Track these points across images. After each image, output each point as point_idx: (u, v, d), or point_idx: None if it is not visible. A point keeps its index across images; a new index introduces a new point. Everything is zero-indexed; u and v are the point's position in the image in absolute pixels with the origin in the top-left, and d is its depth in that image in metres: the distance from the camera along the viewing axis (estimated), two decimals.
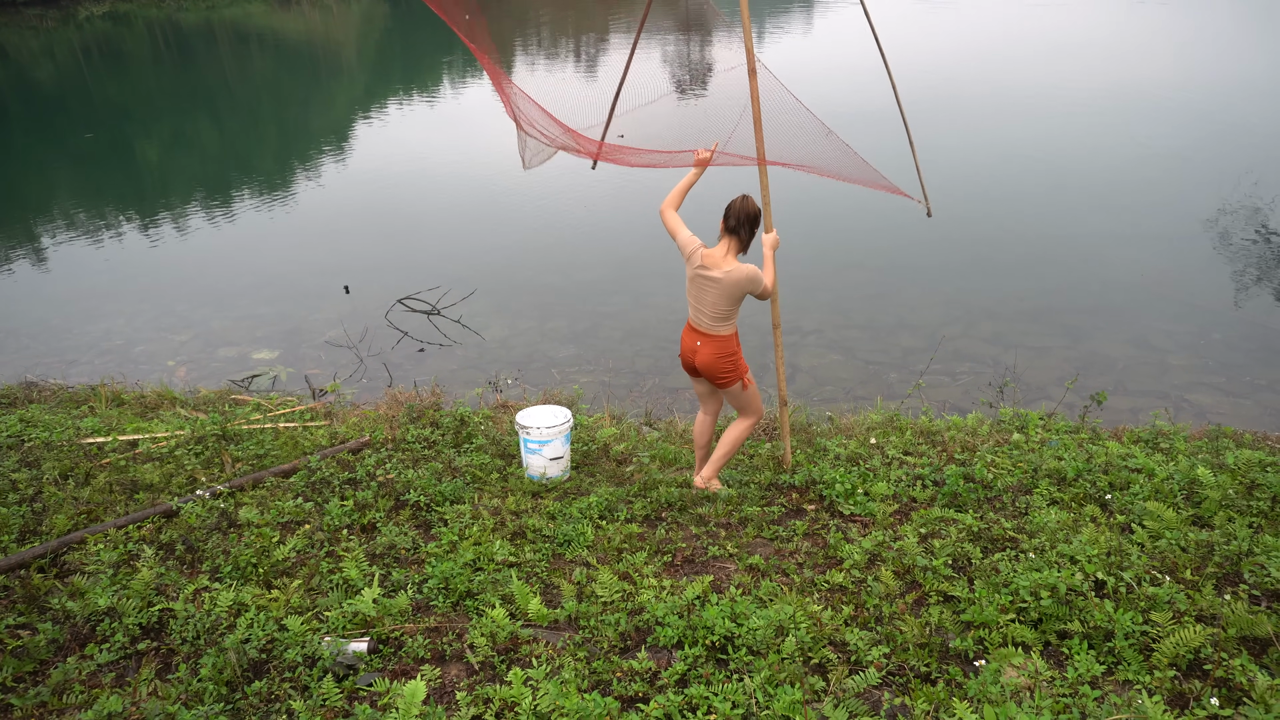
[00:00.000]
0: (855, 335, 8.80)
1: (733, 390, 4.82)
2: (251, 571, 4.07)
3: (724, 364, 4.68)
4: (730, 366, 4.70)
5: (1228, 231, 10.82)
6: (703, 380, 4.89)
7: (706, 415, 5.10)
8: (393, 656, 3.50)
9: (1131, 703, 2.95)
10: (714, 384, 4.82)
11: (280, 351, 9.22)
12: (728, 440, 4.97)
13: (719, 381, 4.76)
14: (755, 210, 4.54)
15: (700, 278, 4.58)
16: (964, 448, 5.41)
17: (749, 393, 4.85)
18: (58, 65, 32.73)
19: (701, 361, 4.70)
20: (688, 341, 4.77)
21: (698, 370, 4.78)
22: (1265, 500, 4.31)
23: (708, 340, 4.66)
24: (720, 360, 4.67)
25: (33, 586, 3.95)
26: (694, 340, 4.72)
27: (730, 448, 4.98)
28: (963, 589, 3.71)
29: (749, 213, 4.53)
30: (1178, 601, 3.49)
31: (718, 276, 4.52)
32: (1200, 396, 7.45)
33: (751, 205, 4.54)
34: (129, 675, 3.43)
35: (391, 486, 4.97)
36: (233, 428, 5.86)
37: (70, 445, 5.65)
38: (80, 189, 17.03)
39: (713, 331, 4.65)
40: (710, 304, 4.59)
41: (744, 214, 4.53)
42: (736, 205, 4.55)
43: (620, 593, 3.86)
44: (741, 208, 4.54)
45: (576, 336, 9.19)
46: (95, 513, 4.73)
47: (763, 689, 3.09)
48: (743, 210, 4.53)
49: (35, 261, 12.59)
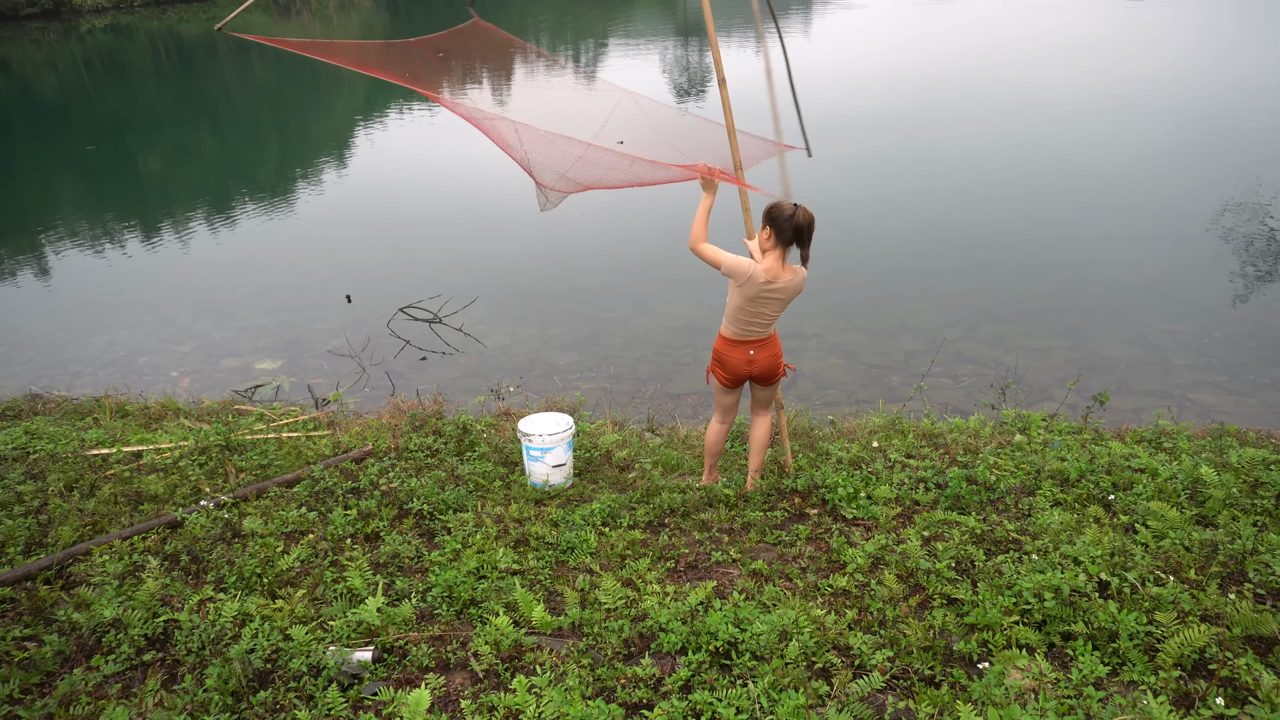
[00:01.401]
0: (856, 339, 8.80)
1: (776, 388, 4.92)
2: (256, 581, 4.08)
3: (779, 360, 4.78)
4: (782, 357, 4.81)
5: (1229, 230, 10.81)
6: (738, 391, 4.93)
7: (725, 425, 5.10)
8: (397, 665, 3.51)
9: (1136, 703, 2.95)
10: (770, 383, 4.86)
11: (283, 361, 9.24)
12: (761, 444, 5.03)
13: (776, 378, 4.84)
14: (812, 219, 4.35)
15: (766, 297, 4.47)
16: (966, 450, 5.40)
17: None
18: (60, 77, 32.89)
19: (762, 368, 4.72)
20: (739, 355, 4.68)
21: (756, 377, 4.79)
22: (1269, 499, 4.30)
23: (762, 346, 4.68)
24: (777, 359, 4.77)
25: (39, 598, 3.96)
26: (747, 351, 4.67)
27: (765, 448, 5.07)
28: (966, 591, 3.71)
29: (811, 223, 4.31)
30: (1182, 601, 3.48)
31: (783, 286, 4.46)
32: (1203, 395, 7.44)
33: (811, 215, 4.32)
34: (135, 686, 3.44)
35: (395, 495, 4.98)
36: (236, 438, 5.88)
37: (75, 457, 5.67)
38: (83, 200, 17.10)
39: (766, 335, 4.69)
40: (772, 314, 4.59)
41: (807, 225, 4.30)
42: (800, 218, 4.27)
43: (623, 599, 3.86)
44: (806, 220, 4.28)
45: (578, 343, 9.20)
46: (100, 524, 4.74)
47: (767, 694, 3.10)
48: (806, 222, 4.29)
49: (39, 274, 12.63)
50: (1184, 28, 26.65)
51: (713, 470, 5.24)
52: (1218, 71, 19.93)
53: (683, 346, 8.91)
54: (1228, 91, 17.85)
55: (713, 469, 5.24)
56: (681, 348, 8.89)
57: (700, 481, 5.27)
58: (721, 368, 4.77)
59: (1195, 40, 24.28)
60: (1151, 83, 18.78)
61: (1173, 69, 20.33)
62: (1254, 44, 22.96)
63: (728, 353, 4.70)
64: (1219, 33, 25.24)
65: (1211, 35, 24.91)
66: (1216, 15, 28.39)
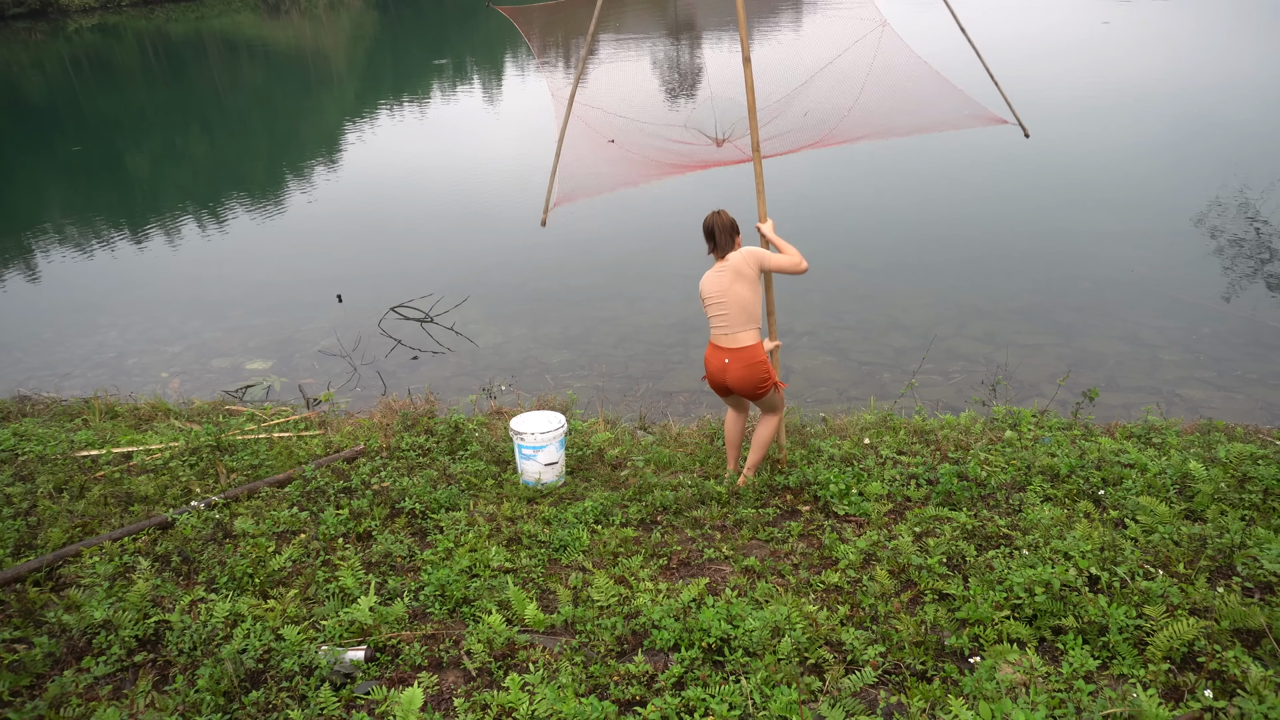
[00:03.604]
0: (848, 336, 8.82)
1: (766, 399, 4.88)
2: (247, 582, 4.07)
3: (756, 375, 4.69)
4: (764, 374, 4.72)
5: (1217, 227, 10.87)
6: (732, 396, 4.97)
7: (740, 415, 5.20)
8: (390, 664, 3.50)
9: (1126, 696, 2.97)
10: (752, 398, 4.86)
11: (274, 361, 9.21)
12: (761, 441, 5.03)
13: (757, 395, 4.81)
14: (730, 219, 4.69)
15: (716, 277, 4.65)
16: (957, 446, 5.43)
17: (779, 395, 4.94)
18: (47, 77, 32.68)
19: (736, 379, 4.72)
20: (715, 360, 4.76)
21: (732, 388, 4.80)
22: (1257, 493, 4.33)
23: (736, 356, 4.67)
24: (753, 373, 4.69)
25: (28, 600, 3.94)
26: (722, 359, 4.72)
27: (765, 447, 5.07)
28: (957, 587, 3.72)
29: (715, 224, 4.66)
30: (1171, 595, 3.51)
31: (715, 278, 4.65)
32: (1191, 391, 7.48)
33: (718, 218, 4.67)
34: (126, 688, 3.42)
35: (387, 494, 4.97)
36: (227, 438, 5.86)
37: (64, 458, 5.64)
38: (71, 201, 17.00)
39: (737, 344, 4.65)
40: (735, 300, 4.59)
41: (708, 227, 4.68)
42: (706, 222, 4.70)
43: (616, 597, 3.87)
44: (708, 223, 4.68)
45: (569, 342, 9.20)
46: (90, 525, 4.72)
47: (759, 690, 3.11)
48: (708, 225, 4.68)
49: (27, 275, 12.56)
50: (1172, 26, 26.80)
51: (734, 461, 5.33)
52: (1206, 70, 20.05)
53: (674, 345, 8.92)
54: (1216, 89, 17.96)
55: (735, 457, 5.32)
56: (673, 346, 8.90)
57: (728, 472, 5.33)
58: (706, 372, 4.88)
59: (1184, 38, 24.41)
60: (1140, 81, 18.88)
61: (1162, 67, 20.44)
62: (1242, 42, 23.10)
63: (708, 357, 4.83)
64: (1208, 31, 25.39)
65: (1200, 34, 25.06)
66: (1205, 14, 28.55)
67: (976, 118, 5.03)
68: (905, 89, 5.10)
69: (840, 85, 5.06)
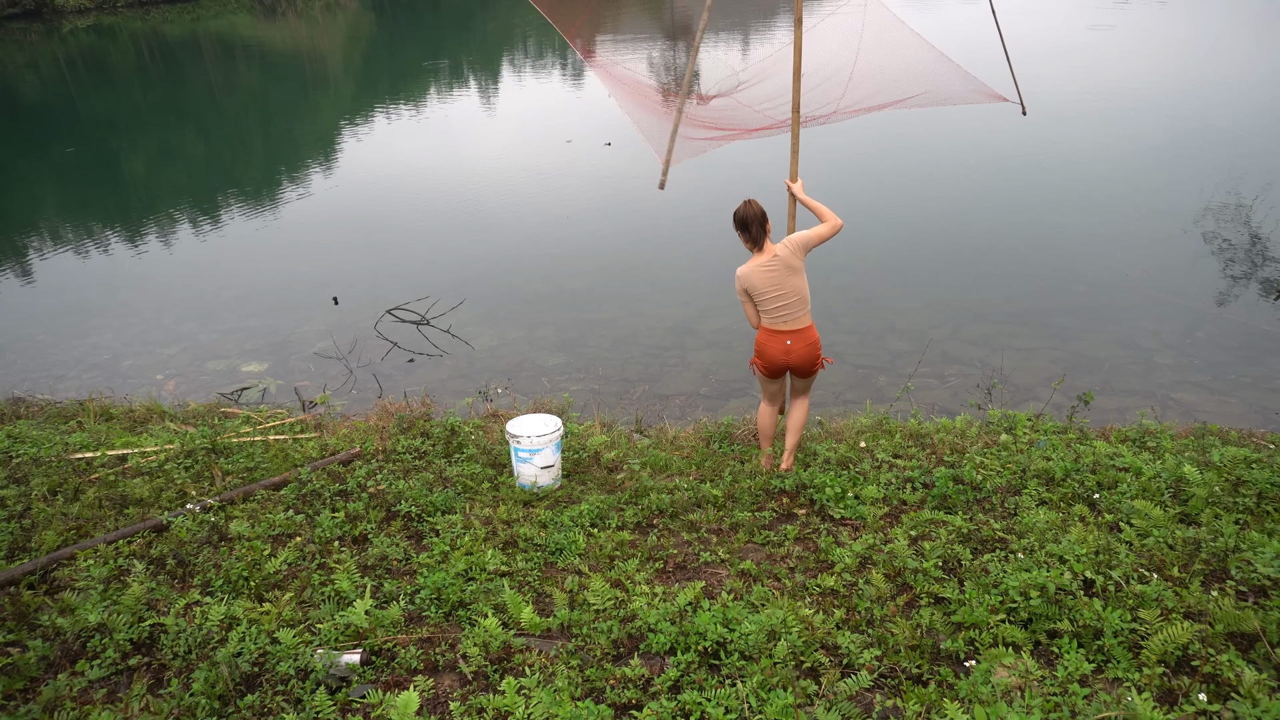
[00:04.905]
0: (843, 339, 8.83)
1: (813, 378, 5.21)
2: (243, 585, 4.06)
3: (817, 351, 5.05)
4: (819, 350, 5.08)
5: (1211, 232, 10.91)
6: (781, 379, 5.19)
7: (773, 407, 5.40)
8: (385, 668, 3.50)
9: (1121, 700, 2.97)
10: (808, 375, 5.13)
11: (269, 364, 9.19)
12: (800, 425, 5.28)
13: (814, 370, 5.11)
14: (761, 209, 4.84)
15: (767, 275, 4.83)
16: (953, 450, 5.44)
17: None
18: (42, 78, 32.60)
19: (799, 358, 4.99)
20: (777, 345, 4.98)
21: (794, 367, 5.05)
22: (1251, 497, 4.35)
23: (798, 336, 4.95)
24: (815, 349, 5.02)
25: (22, 603, 3.93)
26: (784, 341, 4.96)
27: (802, 430, 5.33)
28: (953, 590, 3.73)
29: (749, 215, 4.82)
30: (1165, 599, 3.52)
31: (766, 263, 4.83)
32: (1186, 395, 7.51)
33: (757, 207, 4.83)
34: (120, 691, 3.41)
35: (382, 498, 4.97)
36: (222, 441, 5.85)
37: (59, 461, 5.63)
38: (66, 203, 16.97)
39: (800, 325, 4.93)
40: (795, 292, 4.85)
41: (741, 219, 4.84)
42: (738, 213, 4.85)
43: (612, 600, 3.86)
44: (741, 214, 4.83)
45: (566, 345, 9.20)
46: (85, 528, 4.71)
47: (755, 694, 3.11)
48: (741, 216, 4.83)
49: (21, 276, 12.52)
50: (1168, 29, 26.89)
51: (768, 448, 5.46)
52: (1201, 73, 20.12)
53: (671, 348, 8.92)
54: (1211, 93, 18.03)
55: (768, 446, 5.47)
56: (669, 349, 8.90)
57: (761, 463, 5.44)
58: (761, 359, 5.06)
59: (1179, 42, 24.50)
60: (1135, 84, 18.94)
61: (1156, 70, 20.51)
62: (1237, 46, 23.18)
63: (766, 343, 5.01)
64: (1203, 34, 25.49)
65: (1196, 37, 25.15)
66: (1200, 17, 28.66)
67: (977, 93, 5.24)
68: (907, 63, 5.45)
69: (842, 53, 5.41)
